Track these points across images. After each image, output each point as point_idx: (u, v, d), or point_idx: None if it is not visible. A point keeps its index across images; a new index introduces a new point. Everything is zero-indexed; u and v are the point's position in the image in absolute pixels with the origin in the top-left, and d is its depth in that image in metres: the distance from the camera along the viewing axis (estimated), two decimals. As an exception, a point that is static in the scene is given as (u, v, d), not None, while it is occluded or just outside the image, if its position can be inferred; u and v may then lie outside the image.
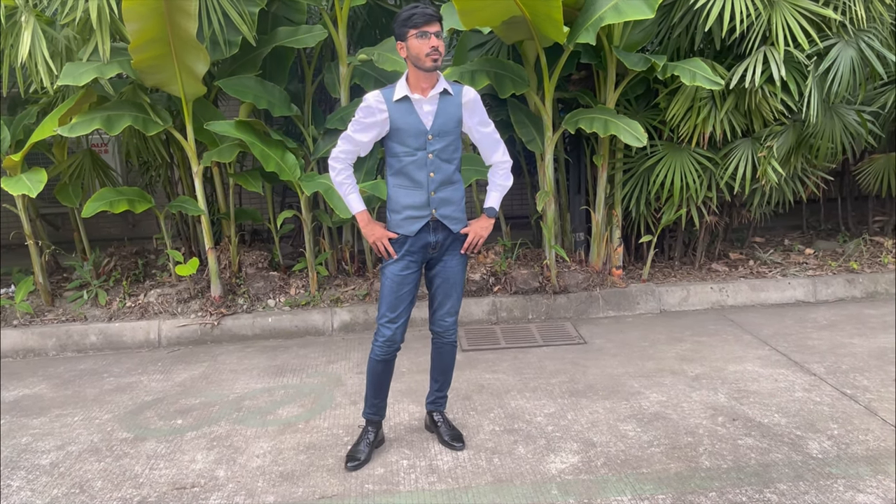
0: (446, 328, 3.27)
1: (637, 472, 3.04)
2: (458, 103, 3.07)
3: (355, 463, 3.22)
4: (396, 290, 3.13)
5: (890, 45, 5.27)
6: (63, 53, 4.75)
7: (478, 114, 3.15)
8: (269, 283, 5.49)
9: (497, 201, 3.27)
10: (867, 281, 5.54)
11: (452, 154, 3.10)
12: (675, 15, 4.99)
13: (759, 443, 3.24)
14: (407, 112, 3.01)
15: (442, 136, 3.04)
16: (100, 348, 5.14)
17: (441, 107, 3.03)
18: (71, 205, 5.47)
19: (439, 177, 3.07)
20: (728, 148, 5.29)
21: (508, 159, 3.28)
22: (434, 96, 3.02)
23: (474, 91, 3.13)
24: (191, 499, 3.01)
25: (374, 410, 3.35)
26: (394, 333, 3.16)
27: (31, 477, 3.26)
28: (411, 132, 3.01)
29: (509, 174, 3.29)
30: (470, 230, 3.19)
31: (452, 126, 3.06)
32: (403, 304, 3.16)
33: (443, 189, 3.09)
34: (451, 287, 3.22)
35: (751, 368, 4.16)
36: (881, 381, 3.87)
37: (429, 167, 3.05)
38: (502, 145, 3.26)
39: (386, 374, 3.30)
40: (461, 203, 3.19)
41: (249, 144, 4.83)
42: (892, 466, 2.98)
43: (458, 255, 3.22)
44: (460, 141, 3.15)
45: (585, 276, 5.46)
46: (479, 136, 3.20)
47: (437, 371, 3.40)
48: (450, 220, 3.13)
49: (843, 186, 6.81)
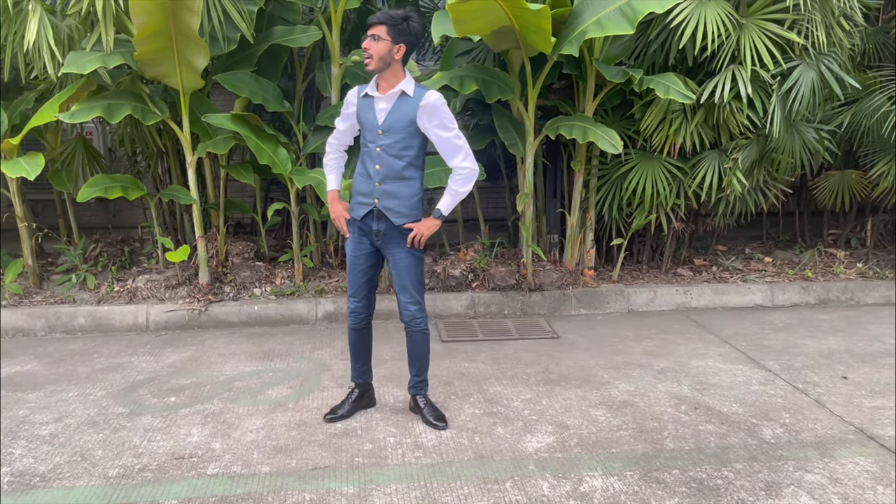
0: (411, 317, 3.49)
1: (607, 451, 3.30)
2: (415, 105, 3.26)
3: (333, 415, 3.64)
4: (353, 268, 3.51)
5: (848, 68, 5.64)
6: (65, 42, 4.88)
7: (436, 118, 3.28)
8: (256, 273, 5.66)
9: (447, 206, 3.41)
10: (820, 288, 5.91)
11: (402, 151, 3.30)
12: (652, 32, 5.30)
13: (718, 428, 3.52)
14: (367, 107, 3.33)
15: (391, 132, 3.28)
16: (88, 330, 5.26)
17: (395, 106, 3.28)
18: (64, 189, 5.58)
19: (384, 170, 3.32)
20: (697, 158, 5.61)
21: (469, 165, 3.35)
22: (392, 95, 3.27)
23: (437, 96, 3.27)
24: (189, 468, 3.18)
25: (356, 374, 3.72)
26: (356, 307, 3.56)
27: (32, 446, 3.40)
28: (367, 126, 3.34)
29: (467, 180, 3.38)
30: (414, 226, 3.37)
31: (403, 125, 3.27)
32: (359, 282, 3.52)
33: (388, 182, 3.32)
34: (403, 278, 3.43)
35: (712, 364, 4.46)
36: (830, 377, 4.19)
37: (376, 160, 3.32)
38: (464, 151, 3.34)
39: (360, 342, 3.65)
40: (411, 200, 3.35)
41: (245, 137, 5.01)
42: (837, 451, 3.28)
43: (405, 247, 3.41)
44: (417, 141, 3.31)
45: (559, 276, 5.73)
46: (437, 139, 3.33)
47: (412, 357, 3.63)
48: (391, 213, 3.35)
49: (800, 201, 7.19)
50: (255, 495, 2.93)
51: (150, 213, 5.75)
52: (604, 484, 3.00)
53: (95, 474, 3.12)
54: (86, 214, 7.36)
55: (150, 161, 6.27)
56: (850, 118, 5.92)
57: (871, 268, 6.27)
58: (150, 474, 3.12)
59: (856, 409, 3.73)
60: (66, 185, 5.60)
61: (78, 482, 3.06)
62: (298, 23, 5.57)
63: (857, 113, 5.91)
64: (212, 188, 5.86)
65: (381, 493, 2.94)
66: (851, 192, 6.37)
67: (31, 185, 6.23)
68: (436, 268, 5.74)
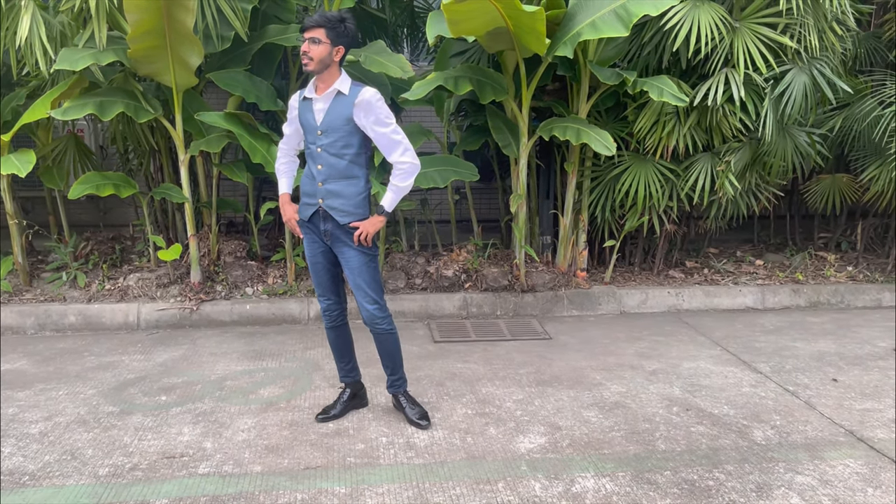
0: (371, 317, 3.46)
1: (599, 452, 3.31)
2: (350, 103, 3.26)
3: (325, 415, 3.65)
4: (312, 268, 3.56)
5: (840, 72, 5.68)
6: (58, 39, 4.86)
7: (373, 114, 3.27)
8: (248, 272, 5.65)
9: (390, 202, 3.37)
10: (811, 291, 5.94)
11: (342, 150, 3.31)
12: (646, 35, 5.32)
13: (709, 430, 3.54)
14: (306, 109, 3.37)
15: (329, 132, 3.30)
16: (78, 329, 5.23)
17: (332, 105, 3.30)
18: (55, 187, 5.55)
19: (327, 170, 3.33)
20: (689, 161, 5.63)
21: (409, 160, 3.33)
22: (328, 95, 3.29)
23: (372, 92, 3.27)
24: (180, 467, 3.17)
25: (343, 373, 3.76)
26: (328, 306, 3.61)
27: (22, 444, 3.38)
28: (307, 127, 3.38)
29: (408, 175, 3.35)
30: (359, 224, 3.36)
31: (340, 123, 3.28)
32: (323, 280, 3.56)
33: (332, 182, 3.34)
34: (356, 276, 3.41)
35: (703, 366, 4.48)
36: (820, 380, 4.22)
37: (318, 160, 3.34)
38: (402, 146, 3.32)
39: (340, 340, 3.69)
40: (355, 198, 3.35)
41: (238, 136, 4.99)
42: (827, 453, 3.30)
43: (353, 246, 3.39)
44: (356, 139, 3.31)
45: (552, 277, 5.74)
46: (375, 135, 3.33)
47: (383, 358, 3.62)
48: (336, 212, 3.35)
49: (791, 204, 7.23)
50: (247, 495, 2.92)
51: (141, 211, 5.73)
52: (596, 485, 3.00)
53: (85, 473, 3.10)
54: (77, 212, 7.33)
55: (143, 159, 6.24)
56: (841, 122, 5.95)
57: (862, 271, 6.31)
58: (141, 473, 3.10)
59: (846, 412, 3.75)
60: (57, 182, 5.57)
61: (68, 481, 3.04)
62: (293, 21, 5.55)
63: (849, 117, 5.94)
64: (204, 187, 5.84)
65: (373, 493, 2.94)
66: (842, 195, 6.40)
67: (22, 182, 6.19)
68: (429, 268, 5.74)
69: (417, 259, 5.88)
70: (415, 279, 5.70)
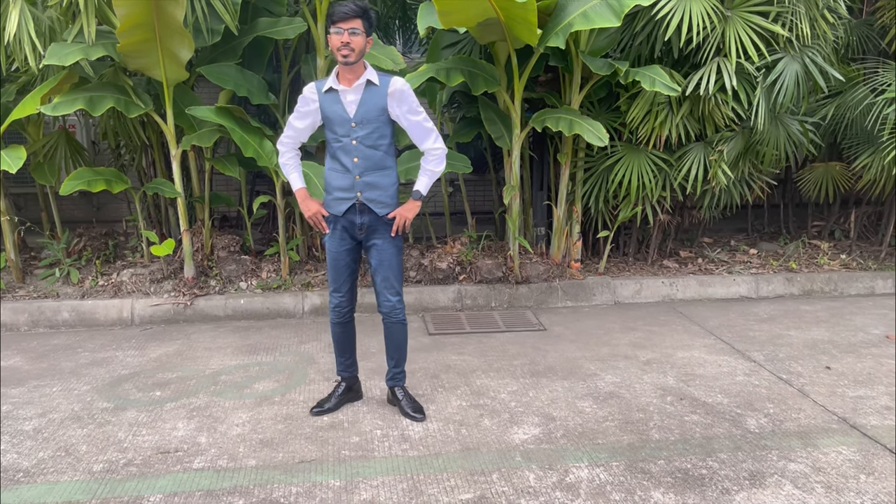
0: (391, 307, 3.50)
1: (593, 442, 3.32)
2: (384, 93, 3.27)
3: (320, 409, 3.62)
4: (334, 264, 3.49)
5: (832, 61, 5.68)
6: (46, 34, 4.82)
7: (406, 103, 3.32)
8: (241, 267, 5.64)
9: (425, 186, 3.46)
10: (804, 280, 5.96)
11: (377, 141, 3.31)
12: (638, 24, 5.30)
13: (703, 419, 3.55)
14: (334, 102, 3.29)
15: (365, 123, 3.28)
16: (72, 325, 5.22)
17: (365, 96, 3.27)
18: (47, 183, 5.52)
19: (363, 162, 3.31)
20: (682, 151, 5.63)
21: (441, 146, 3.42)
22: (359, 86, 3.26)
23: (402, 81, 3.31)
24: (175, 462, 3.17)
25: (342, 368, 3.72)
26: (339, 301, 3.55)
27: (16, 441, 3.37)
28: (337, 120, 3.30)
29: (441, 160, 3.44)
30: (396, 212, 3.40)
31: (375, 114, 3.28)
32: (343, 276, 3.50)
33: (368, 174, 3.33)
34: (386, 268, 3.44)
35: (697, 355, 4.49)
36: (813, 368, 4.23)
37: (353, 153, 3.30)
38: (434, 133, 3.39)
39: (345, 335, 3.65)
40: (391, 189, 3.39)
41: (230, 130, 4.97)
42: (820, 440, 3.31)
43: (391, 238, 3.43)
44: (389, 129, 3.34)
45: (546, 268, 5.74)
46: (408, 124, 3.37)
47: (391, 349, 3.63)
48: (375, 204, 3.36)
49: (785, 193, 7.24)
50: (242, 489, 2.92)
51: (134, 206, 5.71)
52: (590, 474, 3.01)
53: (80, 469, 3.10)
54: (69, 208, 7.30)
55: (134, 154, 6.22)
56: (834, 110, 5.96)
57: (855, 259, 6.33)
58: (136, 469, 3.10)
59: (839, 399, 3.76)
60: (48, 178, 5.55)
61: (62, 477, 3.04)
62: (283, 14, 5.53)
63: (841, 105, 5.95)
64: (197, 181, 5.83)
65: (368, 485, 2.94)
66: (835, 183, 6.42)
67: (14, 178, 6.18)
68: (423, 261, 5.74)
69: (411, 252, 5.88)
70: (409, 272, 5.70)
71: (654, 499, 2.82)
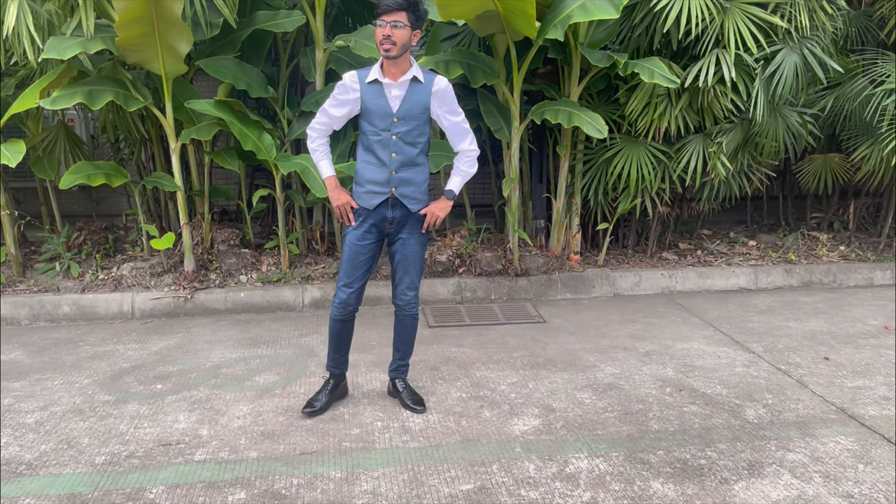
0: (407, 302, 3.51)
1: (593, 433, 3.33)
2: (428, 91, 3.26)
3: (311, 409, 3.54)
4: (354, 258, 3.40)
5: (831, 52, 5.67)
6: (45, 27, 4.82)
7: (447, 103, 3.32)
8: (241, 260, 5.64)
9: (458, 185, 3.48)
10: (803, 271, 5.97)
11: (417, 138, 3.29)
12: (637, 16, 5.30)
13: (702, 410, 3.57)
14: (377, 94, 3.24)
15: (407, 119, 3.25)
16: (73, 319, 5.23)
17: (409, 92, 3.24)
18: (46, 177, 5.52)
19: (401, 158, 3.29)
20: (681, 143, 5.64)
21: (475, 148, 3.46)
22: (404, 82, 3.23)
23: (446, 81, 3.30)
24: (177, 454, 3.18)
25: (334, 364, 3.64)
26: (348, 297, 3.45)
27: (18, 434, 3.39)
28: (378, 113, 3.24)
29: (475, 162, 3.49)
30: (428, 210, 3.40)
31: (418, 112, 3.25)
32: (359, 271, 3.42)
33: (404, 170, 3.31)
34: (410, 264, 3.44)
35: (696, 346, 4.50)
36: (812, 359, 4.25)
37: (392, 148, 3.27)
38: (471, 134, 3.43)
39: (344, 333, 3.57)
40: (423, 185, 3.39)
41: (229, 123, 4.97)
42: (818, 430, 3.33)
43: (418, 234, 3.43)
44: (428, 127, 3.34)
45: (545, 261, 5.75)
46: (448, 124, 3.38)
47: (400, 341, 3.63)
48: (408, 200, 3.35)
49: (784, 185, 7.25)
50: (243, 480, 2.94)
51: (134, 200, 5.71)
52: (589, 465, 3.03)
53: (82, 462, 3.12)
54: (69, 202, 7.30)
55: (134, 148, 6.21)
56: (832, 102, 5.96)
57: (854, 250, 6.34)
58: (137, 461, 3.12)
59: (837, 390, 3.78)
60: (48, 172, 5.54)
61: (64, 469, 3.05)
62: (282, 7, 5.51)
63: (840, 97, 5.94)
64: (196, 175, 5.83)
65: (369, 476, 2.96)
66: (834, 175, 6.42)
67: (13, 172, 6.17)
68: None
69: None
70: (409, 265, 5.70)
71: (653, 489, 2.84)
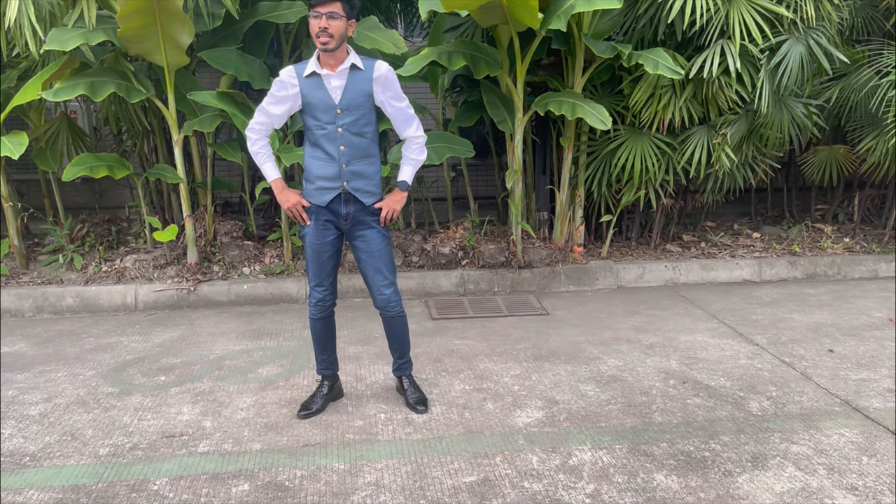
0: (386, 301, 3.38)
1: (596, 425, 3.33)
2: (369, 78, 3.16)
3: (307, 411, 3.46)
4: (317, 257, 3.34)
5: (837, 42, 5.64)
6: (47, 19, 4.80)
7: (390, 89, 3.22)
8: (244, 252, 5.64)
9: (409, 175, 3.38)
10: (807, 263, 5.95)
11: (363, 128, 3.20)
12: (641, 6, 5.26)
13: (706, 402, 3.56)
14: (316, 87, 3.14)
15: (351, 110, 3.15)
16: (76, 311, 5.24)
17: (350, 82, 3.14)
18: (49, 169, 5.52)
19: (350, 150, 3.19)
20: (686, 134, 5.61)
21: (422, 134, 3.37)
22: (343, 71, 3.13)
23: (387, 66, 3.20)
24: (180, 446, 3.19)
25: (324, 365, 3.57)
26: (323, 296, 3.41)
27: (22, 426, 3.40)
28: (321, 107, 3.15)
29: (423, 149, 3.39)
30: (383, 204, 3.32)
31: (361, 100, 3.16)
32: (326, 269, 3.37)
33: (355, 163, 3.22)
34: (376, 260, 3.32)
35: (700, 339, 4.49)
36: (816, 351, 4.24)
37: (339, 141, 3.17)
38: (416, 120, 3.33)
39: (326, 331, 3.51)
40: (375, 177, 3.29)
41: (231, 115, 4.96)
42: (822, 423, 3.32)
43: (377, 227, 3.33)
44: (373, 115, 3.24)
45: (549, 253, 5.74)
46: (393, 110, 3.28)
47: (393, 342, 3.54)
48: (361, 193, 3.25)
49: (788, 177, 7.22)
50: (247, 472, 2.94)
51: (136, 192, 5.71)
52: (593, 457, 3.03)
53: (86, 453, 3.12)
54: (72, 194, 7.31)
55: (136, 140, 6.21)
56: (838, 93, 5.92)
57: (858, 242, 6.32)
58: (141, 453, 3.12)
59: (841, 382, 3.77)
60: (50, 164, 5.54)
61: (68, 461, 3.06)
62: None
63: (846, 87, 5.91)
64: (199, 167, 5.82)
65: (372, 468, 2.96)
66: (839, 167, 6.39)
67: (16, 164, 6.17)
68: (426, 246, 5.74)
69: (414, 237, 5.87)
70: (412, 257, 5.70)
71: (656, 481, 2.83)
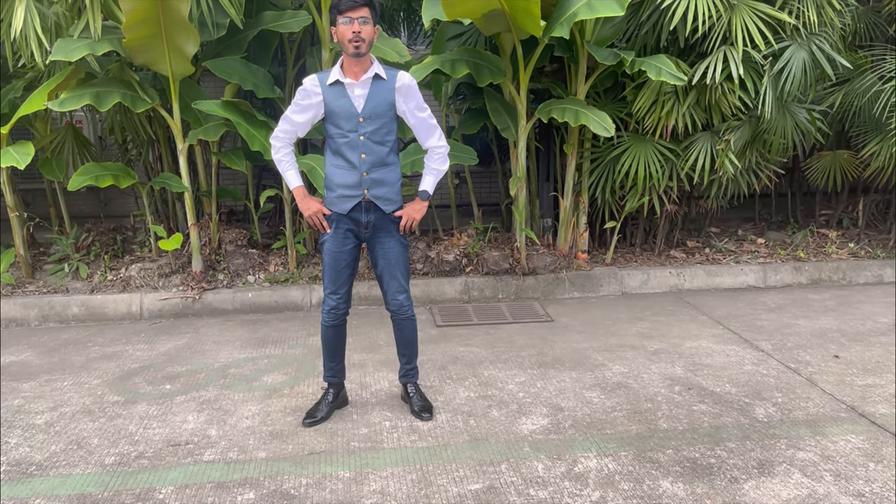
0: (399, 305, 3.44)
1: (601, 432, 3.32)
2: (392, 87, 3.19)
3: (312, 419, 3.46)
4: (335, 265, 3.35)
5: (839, 48, 5.64)
6: (52, 30, 4.84)
7: (412, 99, 3.25)
8: (249, 260, 5.66)
9: (431, 185, 3.41)
10: (812, 269, 5.94)
11: (385, 136, 3.23)
12: (643, 13, 5.28)
13: (711, 408, 3.55)
14: (339, 95, 3.17)
15: (373, 118, 3.18)
16: (82, 319, 5.25)
17: (373, 91, 3.17)
18: (55, 178, 5.55)
19: (371, 158, 3.22)
20: (689, 140, 5.61)
21: (445, 144, 3.39)
22: (366, 80, 3.16)
23: (409, 76, 3.24)
24: (186, 454, 3.19)
25: (331, 373, 3.57)
26: (337, 304, 3.42)
27: (28, 435, 3.40)
28: (343, 115, 3.18)
29: (445, 158, 3.41)
30: (403, 213, 3.35)
31: (384, 109, 3.19)
32: (343, 277, 3.38)
33: (375, 170, 3.24)
34: (393, 267, 3.37)
35: (705, 345, 4.48)
36: (821, 356, 4.22)
37: (360, 149, 3.20)
38: (438, 130, 3.36)
39: (338, 339, 3.52)
40: (395, 185, 3.32)
41: (236, 124, 4.98)
42: (828, 429, 3.31)
43: (396, 235, 3.37)
44: (395, 124, 3.27)
45: (553, 259, 5.74)
46: (415, 120, 3.31)
47: (402, 346, 3.56)
48: (382, 201, 3.28)
49: (793, 182, 7.21)
50: (252, 480, 2.95)
51: (141, 201, 5.74)
52: (598, 464, 3.02)
53: (92, 462, 3.13)
54: (77, 203, 7.34)
55: (141, 149, 6.24)
56: (841, 98, 5.92)
57: (863, 247, 6.31)
58: (147, 461, 3.13)
59: (847, 388, 3.76)
60: (56, 174, 5.57)
61: (74, 470, 3.06)
62: (288, 7, 5.52)
63: (849, 93, 5.91)
64: (203, 175, 5.84)
65: (377, 476, 2.96)
66: (843, 172, 6.38)
67: (22, 174, 6.20)
68: (430, 253, 5.74)
69: (418, 244, 5.88)
70: (416, 264, 5.71)
71: (662, 488, 2.83)
